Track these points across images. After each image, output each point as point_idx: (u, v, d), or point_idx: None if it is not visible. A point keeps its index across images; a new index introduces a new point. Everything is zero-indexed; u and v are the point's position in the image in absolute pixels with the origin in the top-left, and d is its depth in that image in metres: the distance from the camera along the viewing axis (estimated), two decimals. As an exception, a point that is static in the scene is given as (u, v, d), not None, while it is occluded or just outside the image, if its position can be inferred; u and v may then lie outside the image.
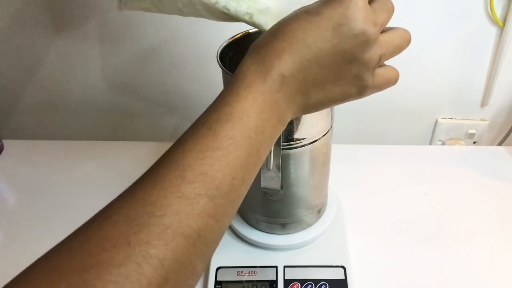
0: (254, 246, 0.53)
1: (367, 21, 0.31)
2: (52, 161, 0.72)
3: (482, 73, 0.75)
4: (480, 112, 0.80)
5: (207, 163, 0.28)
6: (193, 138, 0.29)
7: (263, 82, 0.31)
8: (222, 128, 0.29)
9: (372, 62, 0.33)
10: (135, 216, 0.26)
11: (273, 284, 0.49)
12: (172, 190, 0.27)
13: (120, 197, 0.28)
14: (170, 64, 0.75)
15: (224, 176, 0.29)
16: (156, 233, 0.25)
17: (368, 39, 0.31)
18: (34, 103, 0.82)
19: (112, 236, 0.25)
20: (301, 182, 0.48)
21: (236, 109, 0.30)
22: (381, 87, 0.35)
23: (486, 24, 0.69)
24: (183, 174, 0.27)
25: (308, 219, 0.53)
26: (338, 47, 0.31)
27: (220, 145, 0.29)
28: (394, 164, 0.70)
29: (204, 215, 0.27)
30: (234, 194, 0.30)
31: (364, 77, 0.33)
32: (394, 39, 0.34)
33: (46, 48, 0.74)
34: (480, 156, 0.72)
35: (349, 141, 0.71)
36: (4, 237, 0.60)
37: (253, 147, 0.30)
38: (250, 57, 0.32)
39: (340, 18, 0.31)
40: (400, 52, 0.35)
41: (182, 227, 0.26)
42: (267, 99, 0.31)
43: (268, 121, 0.31)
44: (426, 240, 0.57)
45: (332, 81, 0.33)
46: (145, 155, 0.72)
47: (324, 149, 0.48)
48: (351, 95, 0.34)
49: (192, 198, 0.27)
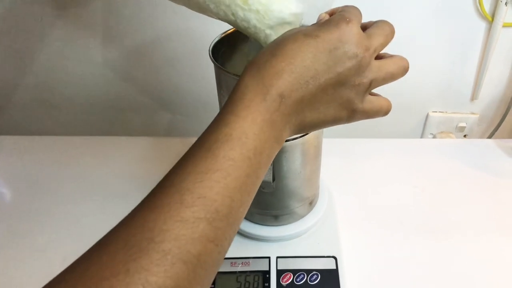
0: (247, 237, 0.54)
1: (359, 45, 0.32)
2: (47, 157, 0.72)
3: (472, 67, 0.76)
4: (470, 106, 0.81)
5: (206, 186, 0.28)
6: (191, 160, 0.29)
7: (262, 101, 0.31)
8: (222, 149, 0.29)
9: (362, 85, 0.34)
10: (134, 242, 0.25)
11: (266, 275, 0.50)
12: (171, 215, 0.26)
13: (120, 223, 0.28)
14: (163, 60, 0.76)
15: (223, 198, 0.28)
16: (156, 259, 0.25)
17: (359, 63, 0.33)
18: (28, 99, 0.82)
19: (112, 264, 0.25)
20: (293, 175, 0.49)
21: (235, 130, 0.30)
22: (370, 114, 0.36)
23: (475, 19, 0.70)
24: (182, 198, 0.27)
25: (300, 211, 0.54)
26: (333, 69, 0.32)
27: (220, 167, 0.29)
28: (385, 158, 0.71)
29: (203, 239, 0.27)
30: (233, 216, 0.29)
31: (354, 100, 0.34)
32: (388, 66, 0.35)
33: (40, 45, 0.74)
34: (471, 149, 0.73)
35: (340, 135, 0.72)
36: (1, 232, 0.60)
37: (252, 168, 0.30)
38: (249, 75, 0.33)
39: (336, 41, 0.32)
40: (394, 80, 0.36)
41: (181, 252, 0.26)
42: (266, 119, 0.31)
43: (267, 142, 0.31)
44: (416, 232, 0.58)
45: (326, 103, 0.34)
46: (140, 150, 0.73)
47: (315, 142, 0.49)
48: (341, 118, 0.35)
49: (192, 222, 0.27)
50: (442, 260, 0.54)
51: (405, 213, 0.60)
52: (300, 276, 0.50)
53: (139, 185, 0.64)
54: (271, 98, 0.31)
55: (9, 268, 0.55)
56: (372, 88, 0.35)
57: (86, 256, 0.26)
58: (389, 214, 0.60)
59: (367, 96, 0.35)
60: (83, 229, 0.59)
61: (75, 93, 0.81)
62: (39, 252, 0.57)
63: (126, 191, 0.64)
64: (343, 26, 0.32)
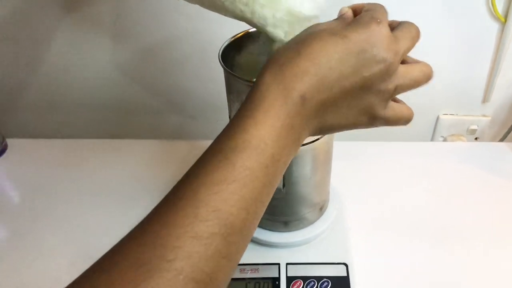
0: (257, 243, 0.53)
1: (389, 50, 0.31)
2: (55, 160, 0.72)
3: (484, 69, 0.75)
4: (481, 108, 0.80)
5: (221, 198, 0.26)
6: (207, 168, 0.28)
7: (283, 105, 0.29)
8: (239, 157, 0.28)
9: (387, 92, 0.32)
10: (144, 260, 0.24)
11: (275, 281, 0.49)
12: (185, 230, 0.25)
13: (129, 238, 0.26)
14: (172, 62, 0.76)
15: (238, 211, 0.27)
16: (167, 279, 0.23)
17: (387, 68, 0.31)
18: (36, 102, 0.82)
19: (121, 284, 0.23)
20: (303, 180, 0.49)
21: (253, 136, 0.28)
22: (391, 121, 0.34)
23: (488, 19, 0.69)
24: (196, 211, 0.26)
25: (310, 216, 0.53)
26: (359, 73, 0.31)
27: (236, 177, 0.27)
28: (396, 161, 0.70)
29: (217, 256, 0.26)
30: (247, 229, 0.28)
31: (376, 106, 0.33)
32: (413, 72, 0.33)
33: (47, 47, 0.74)
34: (482, 152, 0.72)
35: (350, 138, 0.71)
36: (8, 234, 0.60)
37: (269, 177, 0.29)
38: (270, 73, 0.31)
39: (365, 44, 0.30)
40: (417, 87, 0.34)
41: (194, 271, 0.24)
42: (286, 124, 0.29)
43: (284, 148, 0.30)
44: (428, 237, 0.57)
45: (347, 107, 0.32)
46: (147, 153, 0.73)
47: (326, 147, 0.48)
48: (361, 123, 0.34)
49: (206, 238, 0.25)
50: (456, 265, 0.53)
51: (417, 218, 0.60)
52: (311, 283, 0.49)
53: (147, 188, 0.64)
54: (292, 101, 0.30)
55: (17, 270, 0.55)
56: (396, 94, 0.34)
57: (93, 272, 0.25)
58: (400, 219, 0.60)
59: (390, 102, 0.34)
60: (90, 232, 0.59)
61: (82, 96, 0.81)
62: (46, 254, 0.56)
63: (134, 194, 0.64)
64: (373, 27, 0.31)
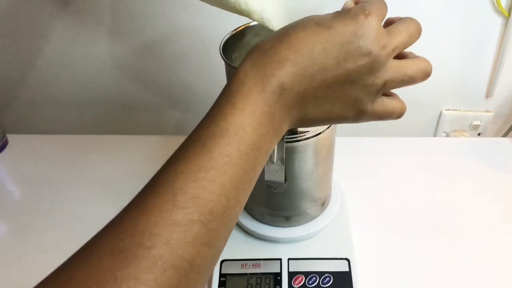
0: (258, 239, 0.53)
1: (376, 42, 0.30)
2: (55, 155, 0.72)
3: (487, 63, 0.74)
4: (484, 103, 0.79)
5: (200, 185, 0.26)
6: (185, 157, 0.27)
7: (262, 93, 0.29)
8: (217, 145, 0.27)
9: (374, 86, 0.31)
10: (122, 248, 0.24)
11: (277, 277, 0.49)
12: (163, 217, 0.25)
13: (108, 226, 0.26)
14: (172, 57, 0.75)
15: (218, 198, 0.27)
16: (146, 266, 0.23)
17: (373, 61, 0.30)
18: (37, 98, 0.81)
19: (98, 272, 0.23)
20: (305, 175, 0.48)
21: (232, 123, 0.28)
22: (380, 116, 0.33)
23: (491, 14, 0.69)
24: (175, 199, 0.25)
25: (312, 211, 0.53)
26: (343, 65, 0.30)
27: (215, 164, 0.27)
28: (398, 156, 0.70)
29: (197, 242, 0.25)
30: (228, 216, 0.28)
31: (363, 101, 0.32)
32: (408, 68, 0.32)
33: (48, 42, 0.74)
34: (485, 147, 0.72)
35: (352, 134, 0.71)
36: (9, 230, 0.60)
37: (249, 164, 0.29)
38: (250, 61, 0.30)
39: (350, 35, 0.29)
40: (413, 83, 0.33)
41: (173, 258, 0.24)
42: (265, 111, 0.29)
43: (265, 136, 0.29)
44: (430, 232, 0.57)
45: (331, 100, 0.31)
46: (148, 148, 0.72)
47: (328, 142, 0.48)
48: (347, 117, 0.33)
49: (184, 225, 0.25)
50: (458, 261, 0.53)
51: (419, 213, 0.59)
52: (313, 279, 0.49)
53: (148, 184, 0.64)
54: (271, 89, 0.29)
55: (17, 266, 0.55)
56: (386, 90, 0.32)
57: (70, 262, 0.25)
58: (402, 214, 0.59)
59: (379, 97, 0.33)
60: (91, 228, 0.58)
61: (83, 91, 0.81)
62: (47, 250, 0.56)
63: (135, 190, 0.63)
64: (360, 18, 0.30)
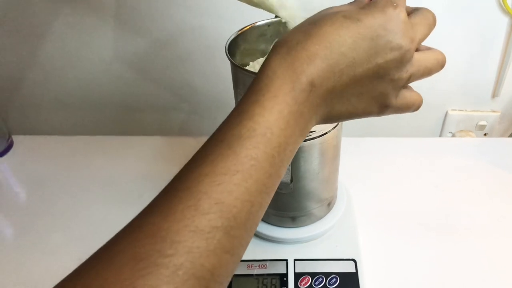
0: (264, 239, 0.53)
1: (405, 36, 0.29)
2: (60, 156, 0.72)
3: (493, 63, 0.74)
4: (491, 103, 0.79)
5: (225, 190, 0.25)
6: (209, 158, 0.26)
7: (291, 91, 0.28)
8: (244, 147, 0.26)
9: (401, 80, 0.31)
10: (142, 255, 0.23)
11: (283, 278, 0.49)
12: (185, 224, 0.24)
13: (126, 231, 0.25)
14: (177, 58, 0.75)
15: (242, 204, 0.25)
16: (166, 276, 0.22)
17: (403, 56, 0.29)
18: (42, 99, 0.82)
19: (116, 281, 0.22)
20: (311, 175, 0.48)
21: (259, 124, 0.27)
22: (401, 109, 0.33)
23: (497, 13, 0.68)
24: (198, 204, 0.24)
25: (318, 212, 0.52)
26: (373, 60, 0.29)
27: (241, 168, 0.26)
28: (404, 157, 0.69)
29: (219, 251, 0.24)
30: (251, 222, 0.27)
31: (389, 95, 0.31)
32: (428, 61, 0.32)
33: (53, 43, 0.74)
34: (491, 148, 0.71)
35: (358, 134, 0.70)
36: (14, 231, 0.60)
37: (275, 168, 0.27)
38: (278, 57, 0.29)
39: (380, 28, 0.29)
40: (430, 75, 0.33)
41: (195, 267, 0.23)
42: (293, 111, 0.28)
43: (291, 137, 0.28)
44: (436, 233, 0.56)
45: (358, 95, 0.31)
46: (153, 149, 0.72)
47: (334, 142, 0.48)
48: (371, 112, 0.32)
49: (207, 233, 0.24)
50: (465, 262, 0.53)
51: (425, 214, 0.59)
52: (319, 280, 0.48)
53: (153, 184, 0.64)
54: (301, 87, 0.28)
55: (22, 267, 0.55)
56: (409, 83, 0.32)
57: (88, 267, 0.24)
58: (409, 214, 0.59)
59: (402, 91, 0.32)
60: (96, 228, 0.59)
61: (88, 92, 0.81)
62: (52, 251, 0.56)
63: (140, 191, 0.64)
64: (389, 11, 0.29)
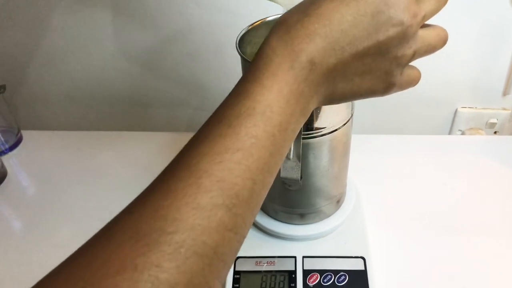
0: (273, 236, 0.53)
1: (407, 11, 0.28)
2: (69, 151, 0.72)
3: (504, 60, 0.73)
4: (501, 101, 0.78)
5: (225, 168, 0.25)
6: (209, 138, 0.26)
7: (290, 69, 0.28)
8: (243, 125, 0.26)
9: (405, 58, 0.30)
10: (143, 233, 0.23)
11: (292, 274, 0.49)
12: (187, 201, 0.24)
13: (127, 211, 0.25)
14: (186, 54, 0.75)
15: (244, 181, 0.26)
16: (168, 253, 0.22)
17: (405, 32, 0.29)
18: (51, 94, 0.82)
19: (117, 258, 0.22)
20: (320, 172, 0.48)
21: (259, 103, 0.27)
22: (404, 86, 0.33)
23: (508, 10, 0.67)
24: (199, 182, 0.24)
25: (327, 209, 0.52)
26: (374, 36, 0.28)
27: (241, 146, 0.26)
28: (413, 154, 0.69)
29: (221, 228, 0.24)
30: (254, 200, 0.27)
31: (393, 73, 0.31)
32: (430, 37, 0.31)
33: (62, 39, 0.74)
34: (501, 146, 0.70)
35: (367, 131, 0.70)
36: (23, 225, 0.61)
37: (276, 146, 0.27)
38: (276, 36, 0.29)
39: (380, 4, 0.28)
40: (433, 52, 0.32)
41: (196, 244, 0.23)
42: (293, 89, 0.28)
43: (292, 116, 0.28)
44: (446, 231, 0.56)
45: (361, 74, 0.30)
46: (161, 145, 0.72)
47: (344, 138, 0.47)
48: (376, 91, 0.32)
49: (209, 210, 0.24)
50: (474, 260, 0.52)
51: (435, 212, 0.59)
52: (328, 277, 0.48)
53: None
54: (300, 65, 0.28)
55: (31, 261, 0.55)
56: (413, 60, 0.31)
57: (88, 247, 0.24)
58: (418, 212, 0.58)
59: (406, 68, 0.32)
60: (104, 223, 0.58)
61: (96, 88, 0.81)
62: (60, 246, 0.56)
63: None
64: None
